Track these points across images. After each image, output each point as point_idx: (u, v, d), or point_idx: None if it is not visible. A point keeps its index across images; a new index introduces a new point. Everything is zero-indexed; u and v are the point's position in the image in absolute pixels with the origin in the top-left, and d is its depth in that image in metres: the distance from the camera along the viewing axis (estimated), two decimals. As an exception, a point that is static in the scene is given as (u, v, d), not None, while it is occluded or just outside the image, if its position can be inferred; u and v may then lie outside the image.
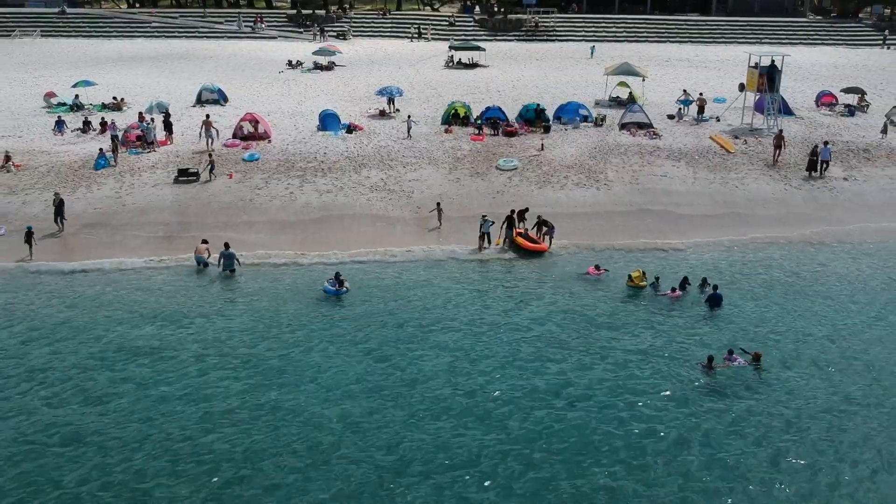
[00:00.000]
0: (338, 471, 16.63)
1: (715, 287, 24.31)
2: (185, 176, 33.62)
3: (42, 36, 77.83)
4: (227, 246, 26.39)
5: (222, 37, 78.31)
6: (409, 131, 40.21)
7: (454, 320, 23.23)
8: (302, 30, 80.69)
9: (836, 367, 20.85)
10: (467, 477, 16.41)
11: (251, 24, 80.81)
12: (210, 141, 37.22)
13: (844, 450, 17.43)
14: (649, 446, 17.38)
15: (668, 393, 19.43)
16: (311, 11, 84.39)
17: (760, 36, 78.23)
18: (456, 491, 16.03)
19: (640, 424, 18.12)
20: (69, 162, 35.80)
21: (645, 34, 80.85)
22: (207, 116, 38.45)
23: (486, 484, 16.23)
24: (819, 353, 21.53)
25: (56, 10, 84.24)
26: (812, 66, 62.96)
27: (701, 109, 44.30)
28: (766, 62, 41.19)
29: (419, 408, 18.73)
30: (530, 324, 23.07)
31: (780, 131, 38.27)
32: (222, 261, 26.23)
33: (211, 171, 33.70)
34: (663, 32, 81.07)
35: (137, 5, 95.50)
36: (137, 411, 18.64)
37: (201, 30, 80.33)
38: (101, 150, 35.89)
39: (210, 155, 34.93)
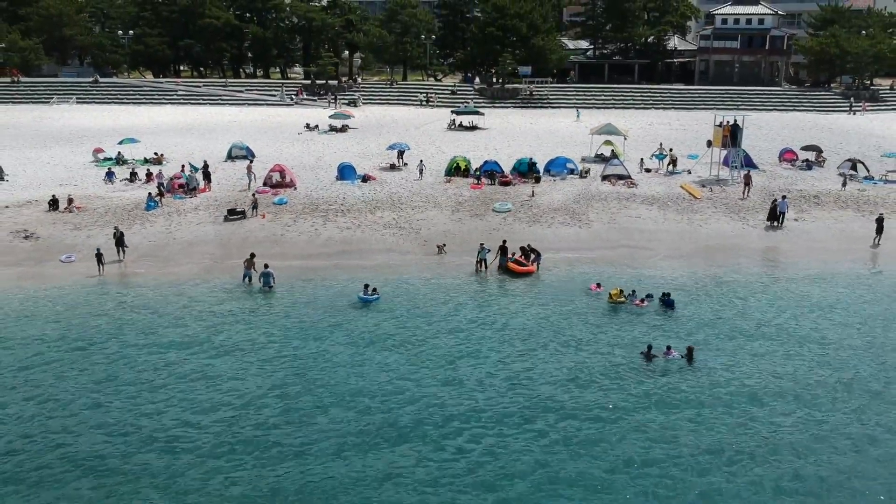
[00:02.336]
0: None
1: (668, 294, 29.63)
2: (233, 215, 39.38)
3: (77, 102, 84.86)
4: (266, 266, 31.54)
5: (244, 104, 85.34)
6: (420, 174, 47.33)
7: (461, 322, 28.18)
8: (316, 98, 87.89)
9: (757, 362, 25.47)
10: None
11: (292, 94, 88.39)
12: (251, 181, 44.30)
13: (746, 417, 21.82)
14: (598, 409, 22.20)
15: (624, 373, 24.31)
16: (324, 81, 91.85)
17: (738, 103, 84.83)
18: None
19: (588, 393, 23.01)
20: (122, 205, 41.41)
21: (632, 102, 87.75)
22: (251, 162, 45.75)
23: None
24: (744, 349, 26.26)
25: (89, 79, 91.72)
26: (782, 128, 69.32)
27: (673, 163, 50.10)
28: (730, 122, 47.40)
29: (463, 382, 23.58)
30: (522, 322, 28.04)
31: (748, 171, 45.68)
32: (262, 278, 31.34)
33: (255, 208, 39.54)
34: (648, 100, 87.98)
35: (162, 76, 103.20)
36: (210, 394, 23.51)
37: (224, 97, 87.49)
38: (149, 193, 41.63)
39: (253, 195, 41.01)
